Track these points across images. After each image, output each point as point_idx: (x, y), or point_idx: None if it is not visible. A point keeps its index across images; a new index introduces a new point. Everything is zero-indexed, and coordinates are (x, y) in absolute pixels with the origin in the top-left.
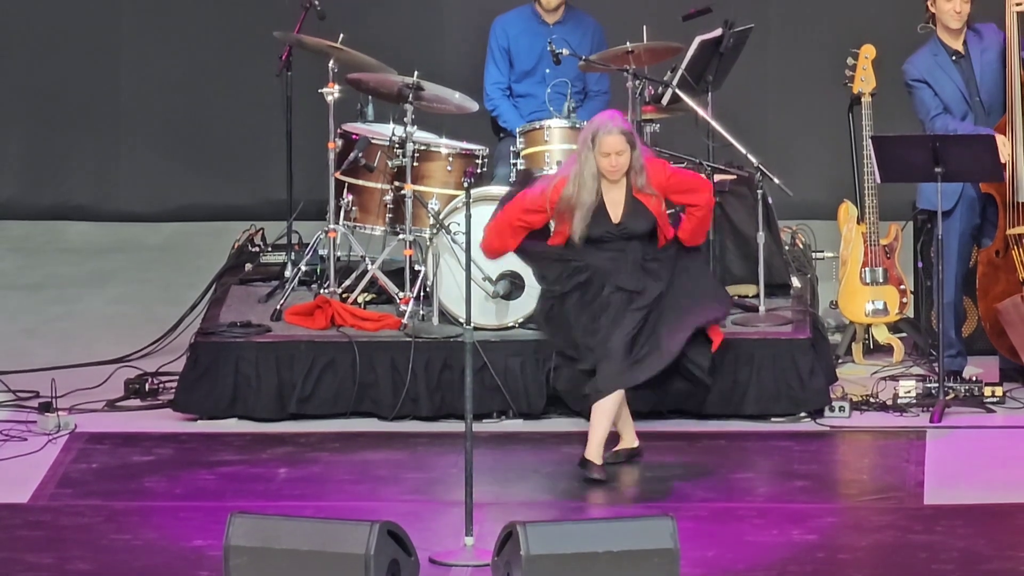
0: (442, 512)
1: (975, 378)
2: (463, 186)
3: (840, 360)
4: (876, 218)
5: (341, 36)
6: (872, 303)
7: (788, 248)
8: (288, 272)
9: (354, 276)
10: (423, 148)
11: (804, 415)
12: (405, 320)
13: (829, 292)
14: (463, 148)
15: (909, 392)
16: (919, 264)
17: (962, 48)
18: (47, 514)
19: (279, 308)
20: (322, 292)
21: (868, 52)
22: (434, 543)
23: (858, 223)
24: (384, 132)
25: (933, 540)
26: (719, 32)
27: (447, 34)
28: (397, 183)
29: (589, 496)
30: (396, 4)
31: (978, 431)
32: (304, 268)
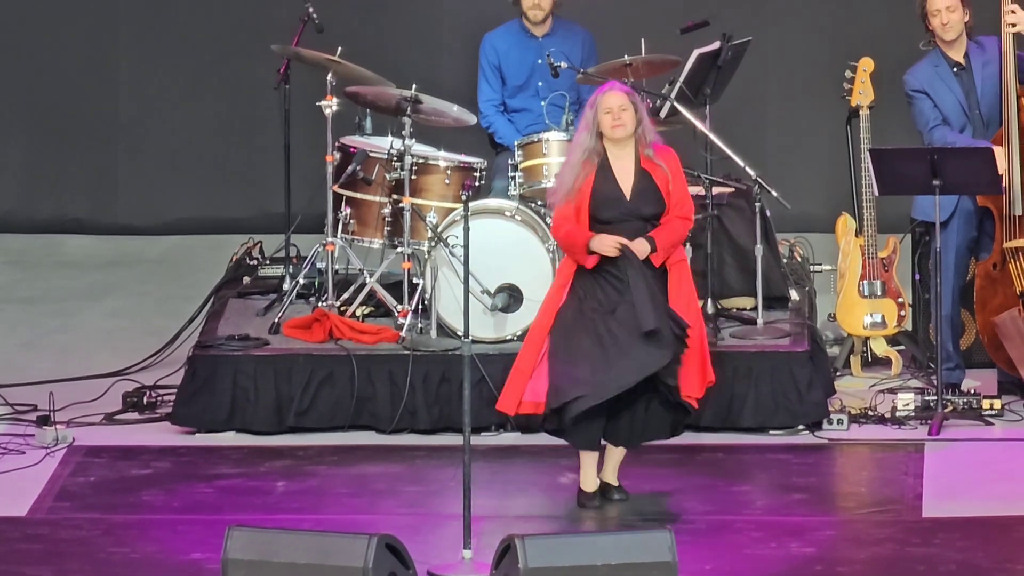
0: (440, 525)
1: (973, 391)
2: (461, 199)
3: (838, 373)
4: (874, 231)
5: (339, 49)
6: (870, 316)
7: (786, 261)
8: (286, 285)
9: (352, 289)
10: (421, 161)
11: (802, 428)
12: (403, 333)
13: (827, 305)
14: (461, 161)
15: (907, 405)
16: (917, 277)
17: (963, 60)
18: (45, 527)
19: (277, 321)
20: (320, 305)
21: (866, 65)
22: (432, 556)
23: (856, 236)
24: (382, 145)
25: (931, 553)
26: (717, 45)
27: (445, 47)
28: (395, 196)
29: (587, 509)
30: (394, 17)
31: (976, 444)
32: (302, 281)
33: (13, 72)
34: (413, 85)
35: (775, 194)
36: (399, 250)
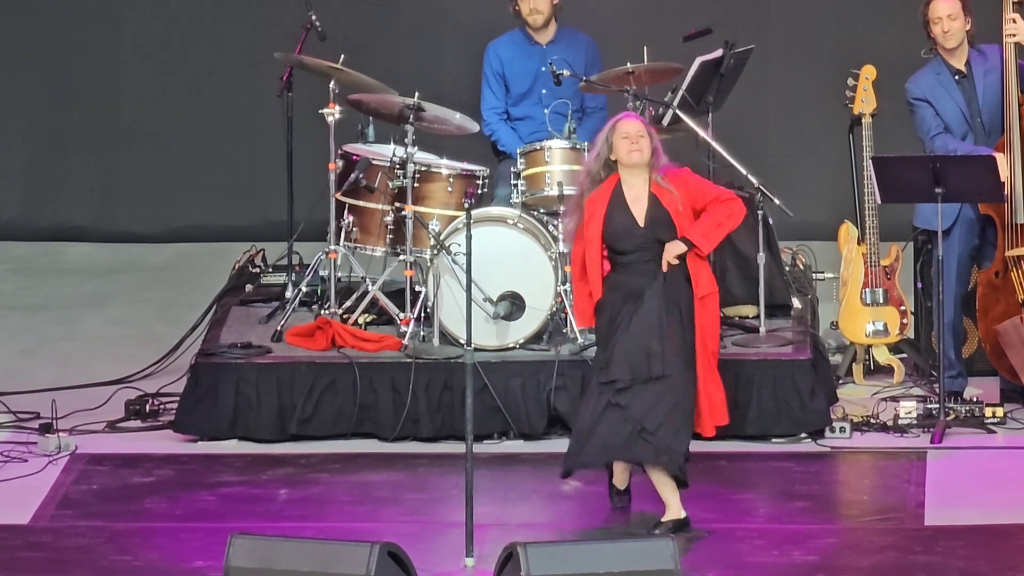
0: (442, 533)
1: (975, 399)
2: (464, 207)
3: (840, 381)
4: (877, 239)
5: (342, 57)
6: (873, 324)
7: (789, 269)
8: (289, 293)
9: (355, 297)
10: (424, 169)
11: (805, 436)
12: (406, 341)
13: (830, 313)
14: (464, 169)
15: (910, 413)
16: (919, 285)
17: (965, 68)
18: (48, 535)
19: (280, 329)
20: (323, 313)
21: (868, 73)
22: (434, 564)
23: (858, 244)
24: (385, 153)
25: (933, 561)
26: (720, 53)
27: (448, 55)
28: (398, 204)
29: (590, 517)
30: (397, 25)
31: (979, 452)
32: (305, 289)
33: (16, 80)
34: (416, 93)
35: (777, 202)
36: (401, 258)
